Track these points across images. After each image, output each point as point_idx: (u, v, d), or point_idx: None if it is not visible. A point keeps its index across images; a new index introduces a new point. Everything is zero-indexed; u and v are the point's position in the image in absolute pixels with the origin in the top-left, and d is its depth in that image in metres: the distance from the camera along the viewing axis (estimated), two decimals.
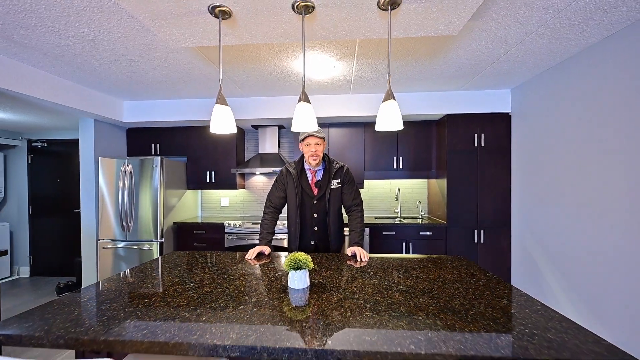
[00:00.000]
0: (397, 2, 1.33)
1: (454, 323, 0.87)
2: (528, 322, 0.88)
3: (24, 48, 1.94)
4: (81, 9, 1.52)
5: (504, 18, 1.66)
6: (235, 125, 1.47)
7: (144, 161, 3.05)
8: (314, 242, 1.80)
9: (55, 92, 2.46)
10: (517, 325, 0.86)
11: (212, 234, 3.18)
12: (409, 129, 3.28)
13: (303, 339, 0.78)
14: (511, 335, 0.80)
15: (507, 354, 0.71)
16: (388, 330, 0.82)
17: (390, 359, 0.71)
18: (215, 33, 1.56)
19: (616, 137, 1.77)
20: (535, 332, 0.82)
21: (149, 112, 3.22)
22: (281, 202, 1.85)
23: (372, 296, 1.07)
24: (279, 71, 2.40)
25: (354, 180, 1.89)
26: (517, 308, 0.98)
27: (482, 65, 2.32)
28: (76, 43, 1.89)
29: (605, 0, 1.51)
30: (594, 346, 0.75)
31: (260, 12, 1.41)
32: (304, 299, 1.05)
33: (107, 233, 3.08)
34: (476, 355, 0.71)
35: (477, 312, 0.94)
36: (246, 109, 3.14)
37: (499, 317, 0.91)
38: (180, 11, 1.39)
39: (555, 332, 0.82)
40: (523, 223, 2.73)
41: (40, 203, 3.93)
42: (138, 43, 1.90)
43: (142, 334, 0.80)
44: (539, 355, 0.71)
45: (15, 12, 1.54)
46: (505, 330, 0.83)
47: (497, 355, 0.71)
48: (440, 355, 0.71)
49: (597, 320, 1.94)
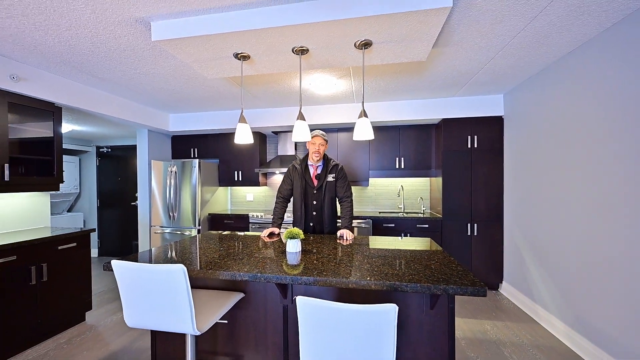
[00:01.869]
0: (368, 44, 1.77)
1: (388, 271, 1.31)
2: (437, 272, 1.29)
3: (102, 80, 2.65)
4: (146, 55, 2.15)
5: (466, 44, 2.02)
6: (252, 137, 2.00)
7: (185, 163, 3.74)
8: (312, 224, 2.30)
9: (121, 110, 3.19)
10: (425, 270, 1.28)
11: (239, 223, 3.80)
12: (410, 132, 3.64)
13: (286, 273, 1.27)
14: (415, 275, 1.23)
15: (401, 284, 1.15)
16: (339, 271, 1.29)
17: (332, 283, 1.19)
18: (238, 69, 2.11)
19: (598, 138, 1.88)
20: (435, 275, 1.23)
21: (189, 122, 3.92)
22: (289, 193, 2.37)
23: (340, 257, 1.54)
24: (289, 88, 2.92)
25: (347, 176, 2.35)
26: (438, 266, 1.39)
27: (465, 77, 2.65)
28: (140, 76, 2.55)
29: (552, 27, 1.82)
30: (464, 279, 1.15)
31: (270, 54, 1.93)
32: (295, 258, 1.55)
33: (157, 221, 3.82)
34: (386, 282, 1.15)
35: (407, 266, 1.37)
36: (265, 118, 3.70)
37: (420, 269, 1.33)
38: (214, 56, 1.95)
39: (449, 275, 1.23)
40: (513, 218, 2.99)
41: (106, 197, 4.84)
42: (183, 75, 2.53)
43: (195, 271, 1.35)
44: (421, 281, 1.14)
45: (102, 57, 2.21)
46: (416, 274, 1.25)
47: (397, 282, 1.15)
48: (364, 284, 1.17)
49: (570, 309, 2.22)
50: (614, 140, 1.76)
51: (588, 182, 1.97)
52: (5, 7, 1.56)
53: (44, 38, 1.87)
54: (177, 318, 1.14)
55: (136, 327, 1.20)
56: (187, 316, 1.13)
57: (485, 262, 3.23)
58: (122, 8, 1.58)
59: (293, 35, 1.69)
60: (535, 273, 2.57)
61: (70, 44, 1.96)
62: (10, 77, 2.18)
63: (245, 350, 1.61)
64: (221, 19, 1.65)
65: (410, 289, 1.14)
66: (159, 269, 1.10)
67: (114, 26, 1.75)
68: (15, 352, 2.05)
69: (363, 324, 0.94)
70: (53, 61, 2.22)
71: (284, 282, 1.24)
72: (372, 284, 1.17)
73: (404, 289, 1.14)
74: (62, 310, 2.33)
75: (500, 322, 2.51)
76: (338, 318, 0.95)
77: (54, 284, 2.27)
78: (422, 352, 1.41)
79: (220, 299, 1.43)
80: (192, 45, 1.79)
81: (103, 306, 2.84)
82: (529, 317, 2.58)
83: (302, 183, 2.29)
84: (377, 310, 0.92)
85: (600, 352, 1.86)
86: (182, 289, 1.11)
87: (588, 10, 1.63)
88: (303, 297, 0.98)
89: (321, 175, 2.28)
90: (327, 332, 0.97)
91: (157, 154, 4.06)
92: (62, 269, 2.33)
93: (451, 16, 1.67)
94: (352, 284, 1.18)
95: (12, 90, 2.20)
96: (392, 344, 0.94)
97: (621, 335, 1.71)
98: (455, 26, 1.79)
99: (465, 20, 1.72)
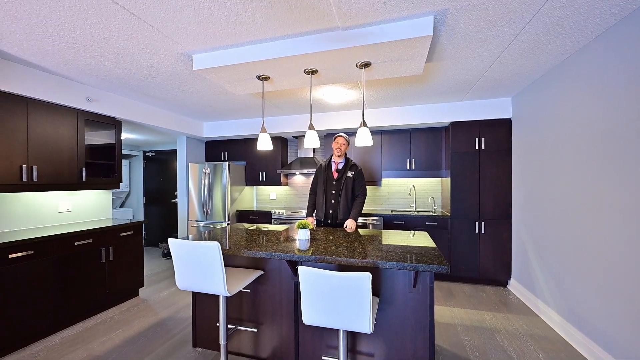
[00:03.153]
0: (367, 64, 2.08)
1: (375, 253, 1.61)
2: (416, 255, 1.57)
3: (152, 98, 3.20)
4: (187, 78, 2.63)
5: (460, 58, 2.25)
6: (271, 144, 2.39)
7: (217, 165, 4.25)
8: (330, 211, 2.69)
9: (165, 120, 3.76)
10: (406, 254, 1.56)
11: (263, 218, 4.24)
12: (420, 135, 3.85)
13: (295, 253, 1.63)
14: (396, 256, 1.52)
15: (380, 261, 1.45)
16: (336, 253, 1.62)
17: (328, 260, 1.52)
18: (260, 87, 2.52)
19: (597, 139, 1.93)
20: (412, 257, 1.52)
21: (220, 129, 4.44)
22: (316, 187, 2.80)
23: (340, 244, 1.87)
24: (305, 99, 3.29)
25: (364, 177, 2.73)
26: (419, 251, 1.66)
27: (467, 85, 2.84)
28: (181, 93, 3.06)
29: (536, 42, 2.00)
30: (434, 261, 1.42)
31: (286, 75, 2.30)
32: (305, 244, 1.90)
33: (193, 216, 4.38)
34: (369, 260, 1.46)
35: (392, 250, 1.66)
36: (286, 124, 4.11)
37: (403, 253, 1.62)
38: (241, 78, 2.36)
39: (425, 258, 1.50)
40: (520, 217, 3.10)
41: (150, 195, 5.56)
42: (215, 92, 2.99)
43: (225, 249, 1.76)
44: (398, 260, 1.43)
45: (153, 81, 2.73)
46: (397, 256, 1.54)
47: (377, 262, 1.45)
48: (353, 262, 1.49)
49: (565, 302, 2.36)
50: (612, 142, 1.89)
51: (585, 183, 2.11)
52: (90, 50, 2.08)
53: (114, 70, 2.41)
54: (213, 282, 1.54)
55: (185, 289, 1.62)
56: (220, 281, 1.53)
57: (494, 259, 3.36)
58: (171, 47, 2.03)
59: (304, 61, 2.05)
60: (538, 269, 2.69)
61: (131, 73, 2.48)
62: (86, 99, 2.77)
63: (264, 318, 1.99)
64: (246, 51, 2.05)
65: (389, 265, 1.44)
66: (201, 244, 1.51)
67: (164, 60, 2.22)
68: (90, 315, 2.63)
69: (346, 286, 1.26)
70: (117, 85, 2.78)
71: (292, 259, 1.60)
72: (359, 262, 1.49)
73: (383, 265, 1.45)
74: (123, 285, 2.90)
75: (500, 314, 2.67)
76: (329, 282, 1.29)
77: (117, 263, 2.84)
78: (408, 324, 1.69)
79: (245, 274, 1.82)
80: (223, 72, 2.22)
81: (151, 285, 3.41)
82: (530, 311, 2.71)
83: (324, 176, 2.73)
84: (356, 277, 1.24)
85: (588, 341, 2.00)
86: (217, 260, 1.50)
87: (566, 26, 1.81)
88: (303, 266, 1.33)
89: (341, 170, 2.69)
90: (320, 292, 1.31)
91: (193, 157, 4.64)
92: (122, 252, 2.89)
93: (439, 37, 1.93)
94: (344, 261, 1.51)
95: (87, 109, 2.79)
96: (368, 303, 1.26)
97: (608, 328, 1.85)
98: (445, 45, 2.04)
99: (454, 39, 1.96)
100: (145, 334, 2.33)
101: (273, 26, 1.80)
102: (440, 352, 2.07)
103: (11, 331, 2.05)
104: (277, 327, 1.95)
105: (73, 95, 2.67)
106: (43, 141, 2.46)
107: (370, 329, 1.29)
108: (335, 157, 2.71)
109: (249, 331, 2.01)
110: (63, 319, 2.38)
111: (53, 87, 2.51)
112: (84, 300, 2.54)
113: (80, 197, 3.06)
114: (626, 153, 1.70)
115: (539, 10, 1.63)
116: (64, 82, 2.59)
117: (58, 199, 2.87)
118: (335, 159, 2.72)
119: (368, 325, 1.28)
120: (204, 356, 2.04)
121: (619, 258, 1.75)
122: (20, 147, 2.31)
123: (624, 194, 1.71)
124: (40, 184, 2.43)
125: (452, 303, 2.91)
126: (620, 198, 1.73)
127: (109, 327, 2.44)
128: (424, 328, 1.65)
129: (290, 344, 1.92)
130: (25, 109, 2.35)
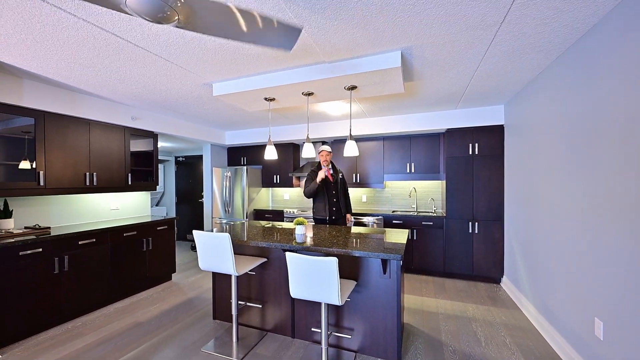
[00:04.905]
0: (354, 87, 2.46)
1: (352, 245, 2.00)
2: (383, 247, 1.94)
3: (182, 114, 3.80)
4: (209, 100, 3.17)
5: (438, 77, 2.55)
6: (276, 154, 2.85)
7: (237, 169, 4.82)
8: (334, 209, 3.19)
9: (193, 131, 4.38)
10: (377, 246, 1.93)
11: (276, 217, 4.74)
12: (419, 140, 4.13)
13: (293, 244, 2.07)
14: (366, 247, 1.90)
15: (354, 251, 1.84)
16: (322, 244, 2.03)
17: (312, 249, 1.94)
18: (267, 106, 2.99)
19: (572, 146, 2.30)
20: (379, 248, 1.88)
21: (239, 137, 5.01)
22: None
23: (331, 238, 2.27)
24: (310, 112, 3.71)
25: (346, 181, 3.12)
26: (390, 244, 2.02)
27: (455, 96, 3.11)
28: (205, 110, 3.62)
29: (505, 63, 2.27)
30: (394, 252, 1.78)
31: (288, 97, 2.75)
32: (301, 237, 2.33)
33: (217, 213, 4.98)
34: (342, 250, 1.86)
35: (366, 243, 2.04)
36: (295, 132, 4.57)
37: (374, 245, 1.99)
38: (251, 100, 2.84)
39: (389, 249, 1.87)
40: (510, 218, 3.30)
41: (181, 195, 6.29)
42: (232, 108, 3.52)
43: (235, 239, 2.24)
44: (369, 250, 1.81)
45: (182, 102, 3.30)
46: (367, 247, 1.92)
47: (350, 252, 1.84)
48: (340, 253, 1.89)
49: (538, 296, 2.59)
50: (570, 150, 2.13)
51: (549, 188, 2.34)
52: (136, 84, 2.66)
53: (152, 96, 3.00)
54: (225, 264, 2.02)
55: (205, 269, 2.12)
56: (230, 263, 2.00)
57: (486, 257, 3.57)
58: (196, 79, 2.56)
59: (301, 86, 2.47)
60: (521, 266, 2.91)
61: (166, 98, 3.06)
62: (131, 118, 3.41)
63: (268, 297, 2.45)
64: (255, 80, 2.52)
65: (358, 254, 1.83)
66: (215, 235, 2.00)
67: (192, 87, 2.76)
68: (135, 292, 3.26)
69: (320, 268, 1.67)
70: (155, 106, 3.39)
71: (285, 248, 2.04)
72: (335, 251, 1.89)
73: (353, 254, 1.84)
74: (158, 270, 3.51)
75: (484, 306, 2.92)
76: (308, 264, 1.71)
77: (155, 252, 3.46)
78: (379, 305, 2.06)
79: (252, 260, 2.29)
80: (237, 96, 2.71)
81: (181, 272, 4.03)
82: (514, 305, 2.93)
83: (322, 182, 3.15)
84: (327, 260, 1.65)
85: (553, 330, 2.24)
86: (227, 247, 1.98)
87: (524, 51, 2.08)
88: (290, 252, 1.76)
89: (335, 175, 3.20)
90: (301, 272, 1.73)
91: (217, 162, 5.25)
92: (159, 243, 3.51)
93: (412, 64, 2.27)
94: (324, 250, 1.92)
95: (131, 126, 3.43)
96: (336, 280, 1.66)
97: (569, 319, 2.09)
98: (420, 69, 2.37)
99: (427, 65, 2.29)
100: (177, 308, 2.89)
101: (274, 63, 2.25)
102: (417, 333, 2.41)
103: (79, 301, 2.69)
104: (277, 304, 2.40)
105: (121, 115, 3.31)
106: (100, 153, 3.12)
107: (339, 302, 1.69)
108: (324, 165, 3.16)
109: (256, 307, 2.48)
110: (116, 293, 3.01)
111: (107, 110, 3.16)
112: (131, 280, 3.17)
113: (125, 197, 3.74)
114: (584, 159, 1.94)
115: (491, 41, 1.93)
116: (115, 105, 3.24)
117: (110, 199, 3.55)
118: (325, 167, 3.16)
119: (337, 298, 1.68)
120: (221, 326, 2.55)
121: (577, 258, 1.99)
122: (84, 159, 2.96)
123: (581, 198, 1.95)
124: (99, 187, 3.09)
125: (442, 296, 3.19)
126: (578, 201, 1.97)
127: (149, 302, 3.04)
128: (393, 308, 2.02)
129: (287, 319, 2.36)
130: (88, 129, 3.01)
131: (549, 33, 1.83)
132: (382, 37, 1.85)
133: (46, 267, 2.44)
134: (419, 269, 3.92)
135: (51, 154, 2.69)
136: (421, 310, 2.84)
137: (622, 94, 1.52)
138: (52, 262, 2.47)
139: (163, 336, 2.39)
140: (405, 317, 2.66)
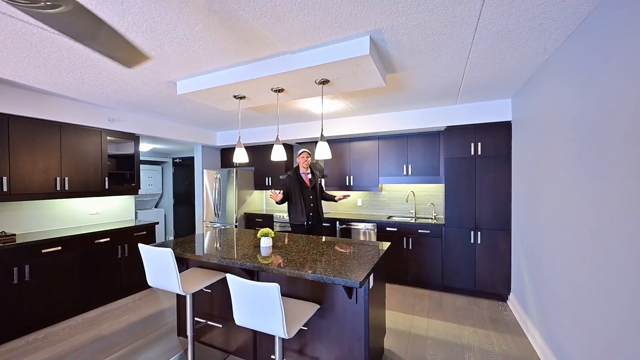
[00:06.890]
0: (326, 81, 2.17)
1: (312, 265, 1.72)
2: (345, 268, 1.64)
3: (163, 114, 3.65)
4: (182, 100, 2.98)
5: (423, 67, 2.21)
6: (247, 157, 2.61)
7: (228, 171, 4.64)
8: (311, 214, 2.98)
9: (180, 133, 4.24)
10: (341, 266, 1.64)
11: (266, 221, 4.52)
12: (417, 140, 3.75)
13: (257, 260, 1.82)
14: (328, 269, 1.61)
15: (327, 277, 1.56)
16: (292, 261, 1.76)
17: (272, 271, 1.68)
18: (238, 105, 2.76)
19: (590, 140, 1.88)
20: (341, 270, 1.59)
21: (231, 137, 4.83)
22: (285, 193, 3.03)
23: (298, 251, 2.00)
24: (299, 110, 3.45)
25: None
26: (355, 263, 1.72)
27: (452, 88, 2.73)
28: (185, 110, 3.45)
29: (502, 46, 1.90)
30: (356, 275, 1.49)
31: (259, 95, 2.50)
32: (266, 251, 2.08)
33: (208, 217, 4.84)
34: (295, 271, 1.58)
35: (330, 263, 1.75)
36: (287, 132, 4.32)
37: (337, 266, 1.70)
38: (220, 99, 2.62)
39: (352, 270, 1.57)
40: (518, 228, 2.87)
41: (179, 197, 6.23)
42: (212, 108, 3.32)
43: (179, 253, 2.02)
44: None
45: (156, 102, 3.14)
46: (329, 268, 1.64)
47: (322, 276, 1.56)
48: (283, 272, 1.62)
49: (545, 323, 2.19)
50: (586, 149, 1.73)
51: (562, 196, 1.94)
52: (100, 85, 2.51)
53: (122, 97, 2.85)
54: (171, 282, 1.80)
55: (154, 286, 1.92)
56: (175, 281, 1.78)
57: (491, 272, 3.16)
58: (158, 77, 2.36)
59: (268, 81, 2.21)
60: (529, 284, 2.50)
61: (137, 98, 2.90)
62: (109, 119, 3.30)
63: (229, 316, 2.22)
64: (219, 76, 2.29)
65: (310, 277, 1.55)
66: (158, 250, 1.78)
67: (157, 86, 2.58)
68: (110, 301, 3.14)
69: (261, 294, 1.41)
70: (131, 107, 3.25)
71: (226, 269, 1.79)
72: (287, 272, 1.62)
73: (306, 277, 1.56)
74: (135, 278, 3.39)
75: (483, 330, 2.54)
76: (248, 290, 1.45)
77: (132, 258, 3.33)
78: (346, 333, 1.77)
79: (211, 275, 2.07)
80: (202, 94, 2.49)
81: None
82: (519, 330, 2.53)
83: (299, 186, 2.97)
84: (267, 286, 1.38)
85: None
86: (171, 264, 1.76)
87: (521, 32, 1.70)
88: (230, 275, 1.51)
89: (312, 179, 3.02)
90: (243, 298, 1.48)
91: (209, 164, 5.11)
92: (136, 249, 3.38)
93: (388, 51, 1.94)
94: (272, 270, 1.66)
95: (109, 128, 3.32)
96: (279, 310, 1.39)
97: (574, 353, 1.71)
98: (399, 58, 2.04)
99: (406, 53, 1.96)
100: (145, 321, 2.73)
101: (231, 57, 2.01)
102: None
103: (44, 311, 2.58)
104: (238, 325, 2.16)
105: (97, 118, 3.20)
106: (73, 157, 3.01)
107: (284, 334, 1.42)
108: (302, 169, 2.99)
109: (217, 326, 2.26)
110: (87, 303, 2.90)
111: (80, 112, 3.06)
112: (104, 289, 3.05)
113: (107, 201, 3.64)
114: (601, 164, 1.56)
115: (477, 19, 1.58)
116: (89, 107, 3.13)
117: (89, 203, 3.46)
118: (304, 170, 3.00)
119: (282, 330, 1.41)
120: (183, 344, 2.35)
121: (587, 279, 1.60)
122: (55, 163, 2.87)
123: (593, 212, 1.57)
124: (71, 192, 2.99)
125: (436, 315, 2.84)
126: (588, 216, 1.59)
127: (120, 313, 2.91)
128: (360, 338, 1.72)
129: (249, 343, 2.12)
130: (59, 132, 2.91)
131: (552, 5, 1.46)
132: (340, 18, 1.55)
133: (4, 276, 2.34)
134: (415, 282, 3.56)
135: (17, 158, 2.60)
136: (408, 333, 2.51)
137: None
138: (10, 271, 2.37)
139: (121, 353, 2.23)
140: (387, 342, 2.35)
